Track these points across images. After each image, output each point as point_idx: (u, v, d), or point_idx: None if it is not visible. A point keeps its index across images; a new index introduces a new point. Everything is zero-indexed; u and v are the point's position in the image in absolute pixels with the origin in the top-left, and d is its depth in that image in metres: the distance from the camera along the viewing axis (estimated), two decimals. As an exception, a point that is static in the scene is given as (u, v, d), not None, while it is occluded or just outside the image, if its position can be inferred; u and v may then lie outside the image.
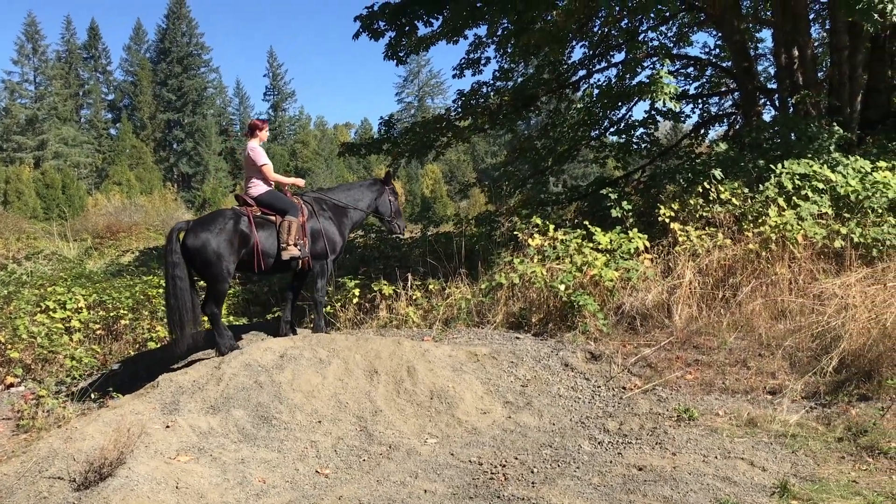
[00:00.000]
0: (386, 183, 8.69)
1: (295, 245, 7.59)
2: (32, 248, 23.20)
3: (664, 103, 9.82)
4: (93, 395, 7.08)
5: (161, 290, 10.86)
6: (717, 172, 9.48)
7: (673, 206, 9.29)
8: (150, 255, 21.39)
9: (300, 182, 8.49)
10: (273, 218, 7.64)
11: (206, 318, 7.53)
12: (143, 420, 5.78)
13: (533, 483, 5.15)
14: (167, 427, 5.78)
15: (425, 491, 5.11)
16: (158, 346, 9.28)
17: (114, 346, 9.61)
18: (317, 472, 5.49)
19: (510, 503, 4.85)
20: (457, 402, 6.50)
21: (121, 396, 6.81)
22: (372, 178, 8.94)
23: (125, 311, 10.03)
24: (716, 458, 5.31)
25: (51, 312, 9.50)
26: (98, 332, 9.67)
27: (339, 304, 9.43)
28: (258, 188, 7.78)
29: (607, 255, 8.65)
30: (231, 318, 11.34)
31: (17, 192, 52.56)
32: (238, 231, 7.36)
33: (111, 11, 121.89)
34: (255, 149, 7.83)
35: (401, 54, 15.14)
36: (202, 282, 7.70)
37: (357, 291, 9.35)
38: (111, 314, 9.97)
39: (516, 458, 5.61)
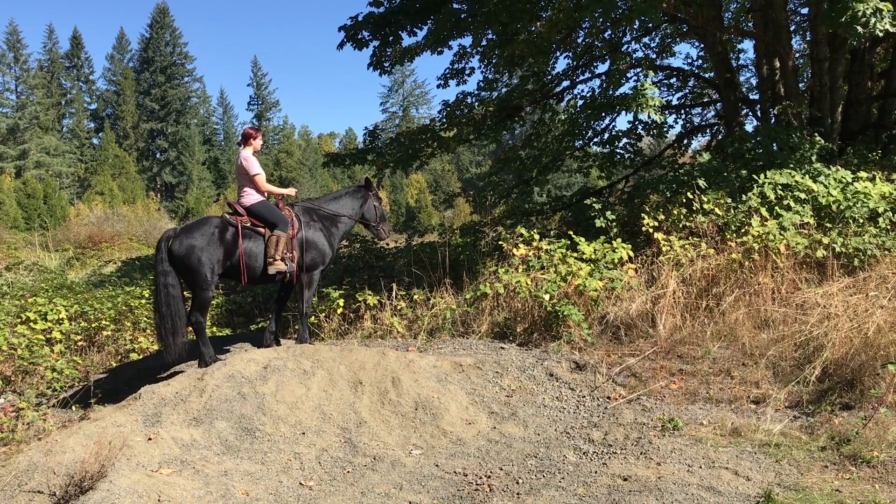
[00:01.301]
0: (369, 189, 8.67)
1: (282, 259, 7.55)
2: (13, 258, 22.98)
3: (649, 116, 9.88)
4: (74, 407, 7.00)
5: (144, 301, 10.80)
6: (701, 182, 9.54)
7: (656, 216, 9.33)
8: (133, 266, 21.27)
9: (292, 192, 8.46)
10: (262, 230, 7.58)
11: (190, 328, 7.48)
12: (124, 432, 5.72)
13: (518, 494, 5.14)
14: (149, 439, 5.72)
15: (410, 502, 5.10)
16: (141, 357, 9.20)
17: (95, 357, 9.52)
18: (301, 484, 5.45)
19: (495, 514, 4.84)
20: (441, 413, 6.48)
21: (102, 408, 6.74)
22: (354, 185, 8.89)
23: (107, 322, 9.96)
24: (700, 467, 5.33)
25: (31, 324, 9.42)
26: (79, 343, 9.59)
27: (324, 314, 9.39)
28: (250, 197, 7.72)
29: (591, 265, 8.67)
30: (214, 328, 11.27)
31: (-3, 202, 52.11)
32: (223, 240, 7.32)
33: (94, 20, 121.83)
34: (249, 158, 7.78)
35: (385, 64, 15.17)
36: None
37: (341, 302, 9.31)
38: (93, 325, 9.90)
39: (501, 469, 5.60)
